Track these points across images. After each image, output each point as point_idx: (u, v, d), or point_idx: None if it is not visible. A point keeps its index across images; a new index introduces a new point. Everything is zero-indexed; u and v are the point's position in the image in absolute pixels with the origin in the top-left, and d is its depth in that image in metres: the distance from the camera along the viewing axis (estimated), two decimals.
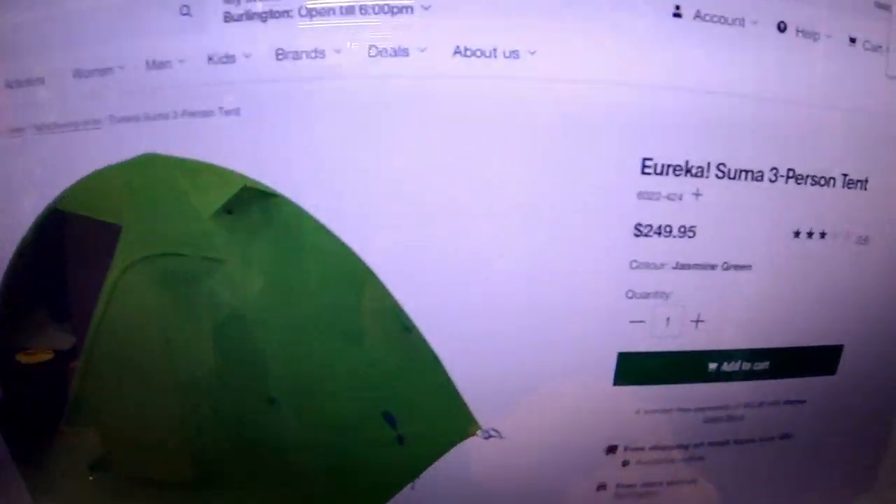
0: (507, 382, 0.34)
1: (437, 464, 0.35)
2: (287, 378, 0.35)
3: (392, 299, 0.32)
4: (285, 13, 0.30)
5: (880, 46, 0.33)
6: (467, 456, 0.35)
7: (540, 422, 0.35)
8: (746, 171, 0.31)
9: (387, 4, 0.29)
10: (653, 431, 0.35)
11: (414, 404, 0.35)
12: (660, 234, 0.31)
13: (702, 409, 0.35)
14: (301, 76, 0.30)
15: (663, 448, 0.36)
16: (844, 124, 0.33)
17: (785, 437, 0.38)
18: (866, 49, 0.33)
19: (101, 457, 0.38)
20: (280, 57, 0.30)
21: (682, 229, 0.31)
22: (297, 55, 0.30)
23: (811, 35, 0.32)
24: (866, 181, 0.34)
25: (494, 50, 0.29)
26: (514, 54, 0.29)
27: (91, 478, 0.38)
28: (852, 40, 0.33)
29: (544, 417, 0.35)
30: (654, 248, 0.31)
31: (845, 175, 0.34)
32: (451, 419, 0.35)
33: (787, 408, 0.37)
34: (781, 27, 0.31)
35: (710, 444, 0.37)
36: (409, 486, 0.36)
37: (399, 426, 0.36)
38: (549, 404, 0.35)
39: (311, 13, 0.30)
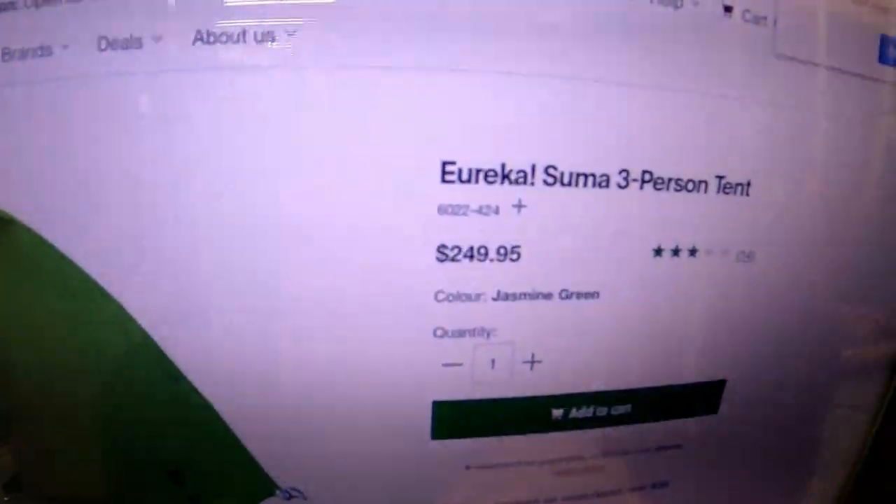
0: (306, 437, 0.27)
1: None
2: None
3: (154, 345, 0.25)
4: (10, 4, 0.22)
5: (765, 18, 0.26)
6: None
7: (351, 482, 0.28)
8: (586, 176, 0.25)
9: None
10: (489, 489, 0.29)
11: (201, 461, 0.29)
12: (472, 257, 0.24)
13: (550, 462, 0.29)
14: (30, 78, 0.23)
15: None
16: (719, 115, 0.26)
17: (660, 485, 0.32)
18: (746, 21, 0.26)
19: (14, 477, 0.33)
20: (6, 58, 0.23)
21: (503, 251, 0.24)
22: (23, 53, 0.23)
23: (670, 2, 0.24)
24: (748, 185, 0.27)
25: (244, 33, 0.22)
26: (269, 36, 0.22)
27: (6, 499, 0.33)
28: (727, 9, 0.26)
29: (355, 476, 0.28)
30: (467, 275, 0.24)
31: (721, 178, 0.27)
32: (245, 477, 0.29)
33: (659, 454, 0.31)
34: None
35: (565, 498, 0.30)
36: None
37: (189, 485, 0.29)
38: (358, 461, 0.28)
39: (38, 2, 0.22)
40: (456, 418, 0.27)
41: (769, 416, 0.33)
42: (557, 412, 0.28)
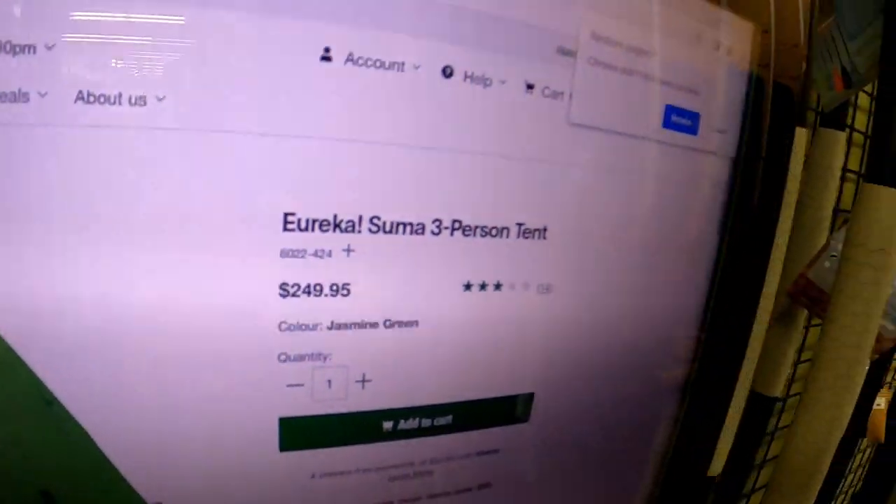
0: (169, 454, 0.31)
1: None
2: None
3: (27, 368, 0.28)
4: None
5: (561, 93, 0.33)
6: None
7: (211, 494, 0.32)
8: (405, 224, 0.30)
9: (8, 43, 0.25)
10: (333, 495, 0.33)
11: (71, 482, 0.31)
12: (309, 293, 0.29)
13: (384, 469, 0.34)
14: None
15: None
16: (520, 173, 0.33)
17: (483, 486, 0.37)
18: (545, 96, 0.32)
19: None
20: None
21: (335, 287, 0.29)
22: None
23: (481, 81, 0.30)
24: (545, 230, 0.34)
25: (119, 96, 0.26)
26: (141, 101, 0.26)
27: None
28: (529, 87, 0.32)
29: (213, 489, 0.32)
30: (305, 308, 0.29)
31: (521, 225, 0.33)
32: (113, 494, 0.31)
33: (480, 458, 0.36)
34: (447, 72, 0.30)
35: (401, 501, 0.35)
36: None
37: None
38: (214, 474, 0.32)
39: None
40: (300, 432, 0.31)
41: (575, 424, 0.39)
42: (388, 424, 0.33)
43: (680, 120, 0.38)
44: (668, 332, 0.42)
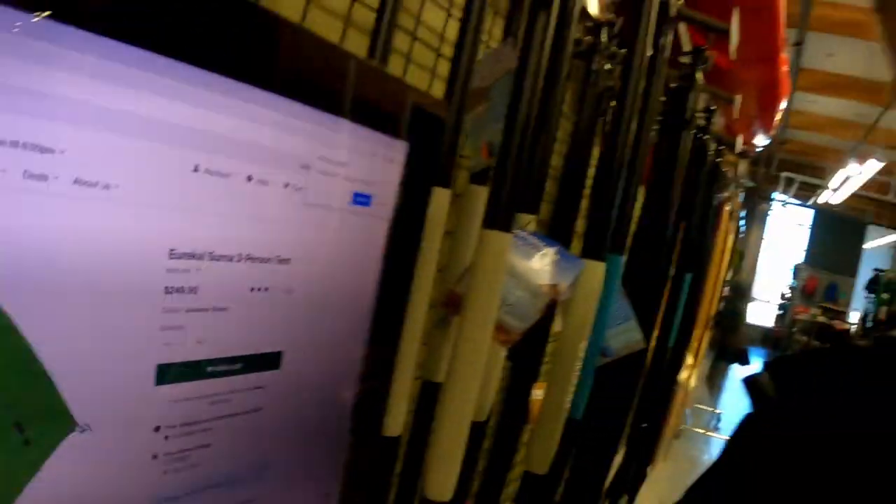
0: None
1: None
2: None
3: None
4: None
5: (300, 189, 0.66)
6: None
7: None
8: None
9: None
10: (182, 413, 0.62)
11: (22, 401, 0.43)
12: None
13: (207, 396, 0.63)
14: None
15: (190, 423, 0.62)
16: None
17: (257, 409, 0.68)
18: (285, 188, 0.66)
19: None
20: None
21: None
22: None
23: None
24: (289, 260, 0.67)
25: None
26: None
27: None
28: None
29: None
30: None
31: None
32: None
33: (254, 391, 0.67)
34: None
35: (218, 417, 0.64)
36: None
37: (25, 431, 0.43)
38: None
39: None
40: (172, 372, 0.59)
41: (303, 382, 0.72)
42: (210, 368, 0.62)
43: (361, 199, 0.75)
44: (347, 338, 0.78)
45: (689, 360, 2.89)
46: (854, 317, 11.79)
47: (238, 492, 0.68)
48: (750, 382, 0.55)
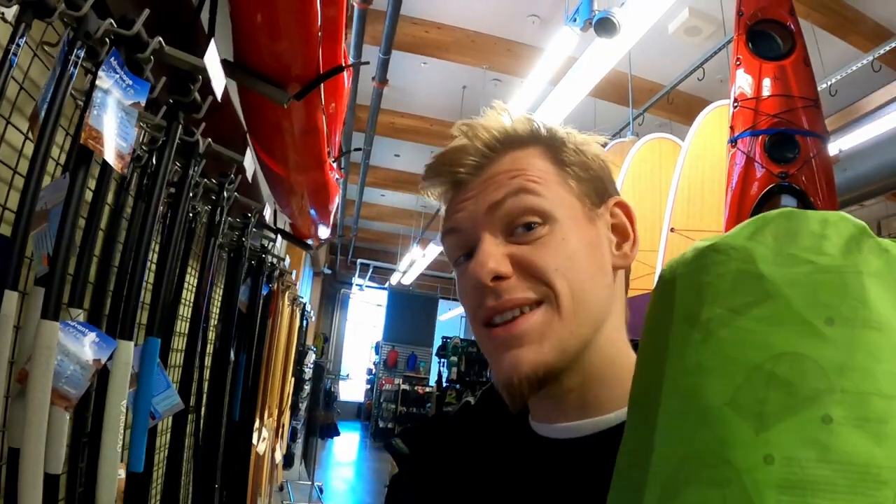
0: None
1: None
2: None
3: None
4: None
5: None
6: None
7: None
8: None
9: None
10: None
11: None
12: None
13: None
14: None
15: None
16: None
17: None
18: None
19: None
20: None
21: None
22: None
23: None
24: None
25: None
26: None
27: None
28: None
29: None
30: None
31: None
32: None
33: None
34: None
35: None
36: None
37: None
38: None
39: None
40: None
41: None
42: None
43: None
44: None
45: (265, 433, 3.29)
46: (433, 380, 13.41)
47: None
48: (388, 446, 0.76)
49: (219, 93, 1.37)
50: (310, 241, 4.65)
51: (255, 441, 2.94)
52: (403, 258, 10.84)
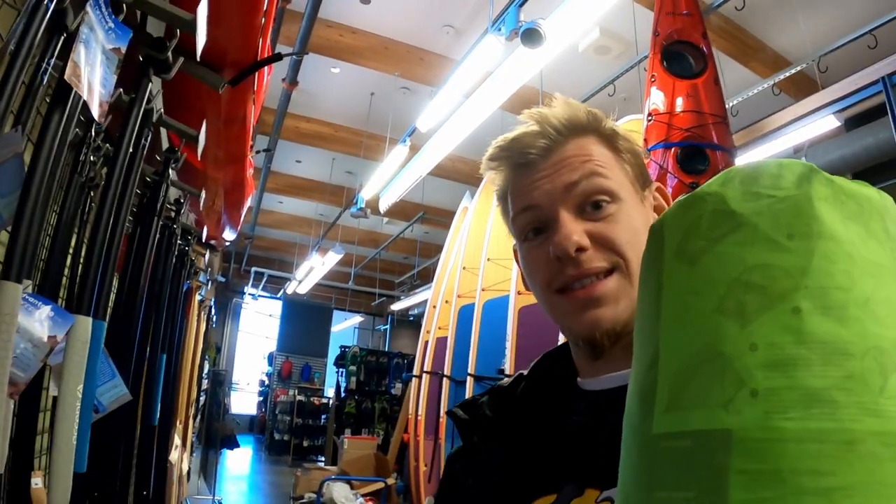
0: None
1: None
2: None
3: None
4: None
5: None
6: None
7: None
8: None
9: None
10: None
11: None
12: None
13: None
14: None
15: None
16: None
17: None
18: None
19: None
20: None
21: None
22: None
23: None
24: None
25: None
26: None
27: None
28: None
29: None
30: None
31: None
32: None
33: None
34: None
35: None
36: None
37: None
38: None
39: None
40: None
41: None
42: None
43: None
44: None
45: (177, 440, 3.14)
46: (330, 392, 13.18)
47: None
48: (450, 413, 0.81)
49: (199, 50, 1.31)
50: (213, 243, 4.46)
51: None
52: (301, 267, 10.61)
